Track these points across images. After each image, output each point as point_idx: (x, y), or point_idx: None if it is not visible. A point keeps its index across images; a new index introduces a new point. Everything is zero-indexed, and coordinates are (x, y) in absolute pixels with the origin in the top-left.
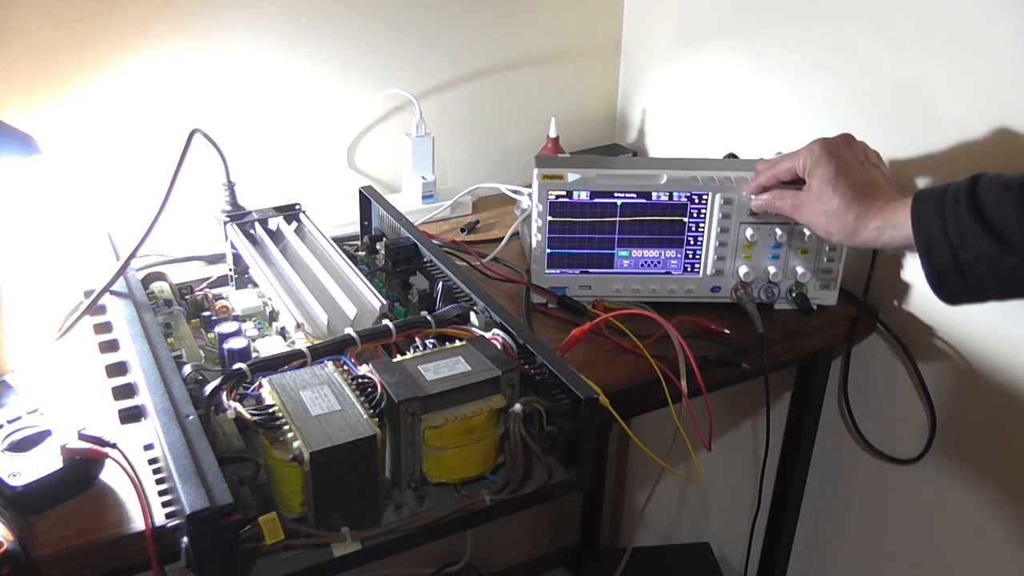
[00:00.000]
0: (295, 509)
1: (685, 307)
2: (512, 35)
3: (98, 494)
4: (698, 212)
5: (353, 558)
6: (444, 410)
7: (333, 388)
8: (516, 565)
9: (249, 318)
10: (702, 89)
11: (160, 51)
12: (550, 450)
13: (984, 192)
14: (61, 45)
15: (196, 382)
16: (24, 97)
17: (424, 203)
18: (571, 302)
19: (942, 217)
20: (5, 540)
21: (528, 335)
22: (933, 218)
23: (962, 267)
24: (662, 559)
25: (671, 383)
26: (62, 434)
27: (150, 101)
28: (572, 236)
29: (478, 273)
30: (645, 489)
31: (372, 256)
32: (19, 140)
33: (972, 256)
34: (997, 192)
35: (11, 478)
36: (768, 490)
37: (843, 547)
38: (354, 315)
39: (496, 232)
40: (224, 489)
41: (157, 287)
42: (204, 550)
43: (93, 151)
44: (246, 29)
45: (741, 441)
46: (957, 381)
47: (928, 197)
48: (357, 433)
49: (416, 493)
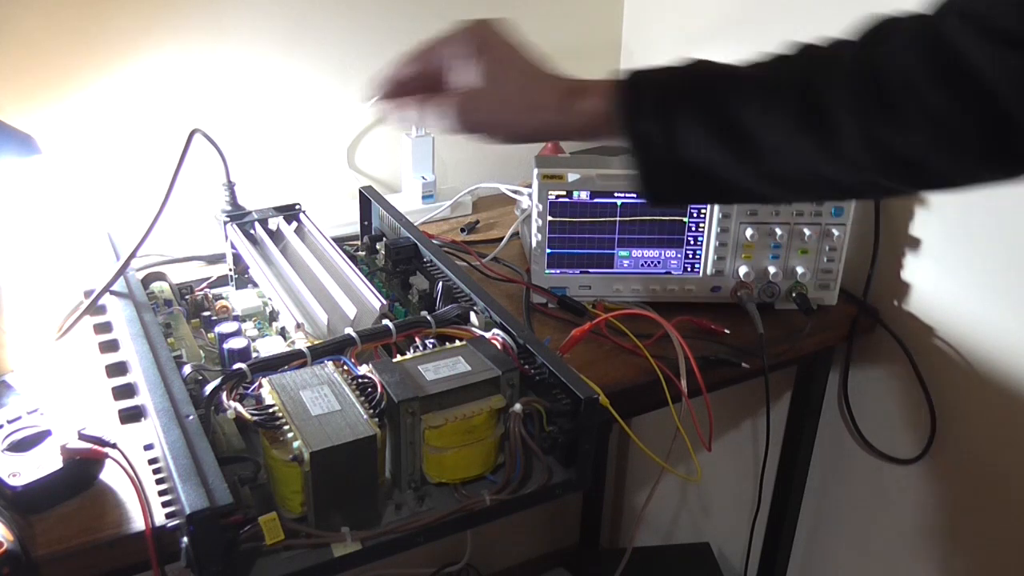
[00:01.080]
0: (295, 509)
1: (685, 307)
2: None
3: (98, 494)
4: (698, 212)
5: (353, 558)
6: (444, 410)
7: (333, 388)
8: (516, 565)
9: (249, 318)
10: None
11: (160, 51)
12: (550, 450)
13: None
14: (61, 45)
15: (196, 382)
16: (24, 97)
17: (424, 203)
18: (571, 302)
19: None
20: (5, 540)
21: (528, 335)
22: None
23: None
24: (662, 559)
25: (671, 383)
26: (62, 434)
27: (150, 101)
28: (572, 236)
29: (478, 273)
30: (645, 489)
31: (372, 256)
32: (19, 140)
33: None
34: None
35: (11, 478)
36: (768, 490)
37: (843, 547)
38: (354, 315)
39: (496, 232)
40: (224, 489)
41: (157, 287)
42: (204, 550)
43: (93, 151)
44: (246, 29)
45: (741, 441)
46: (957, 381)
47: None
48: (357, 433)
49: (416, 493)
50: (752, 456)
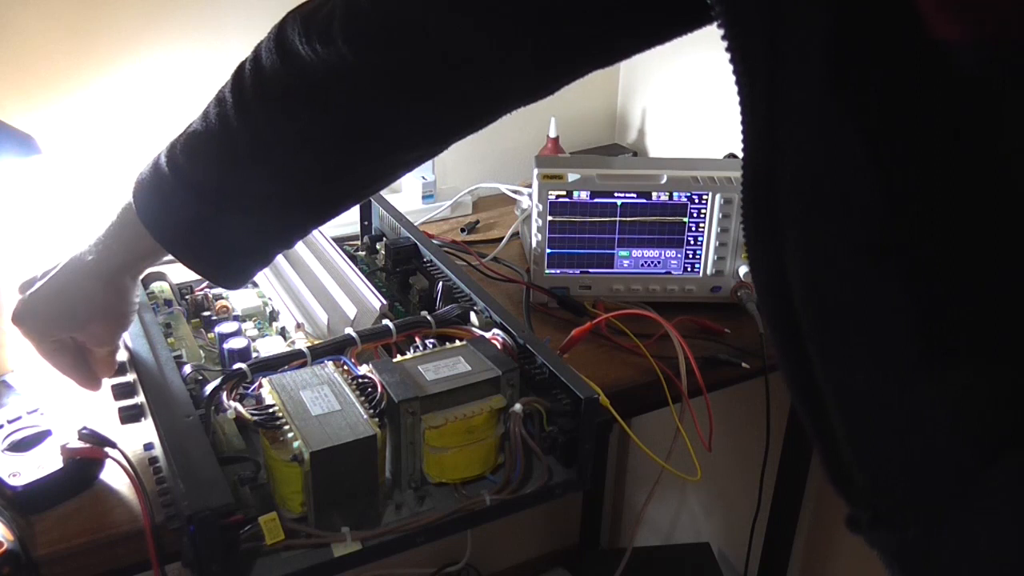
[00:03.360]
0: (295, 509)
1: (685, 307)
2: None
3: (98, 494)
4: (698, 212)
5: (353, 558)
6: (444, 410)
7: (333, 388)
8: (516, 565)
9: (249, 318)
10: (702, 89)
11: (160, 50)
12: (550, 450)
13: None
14: (61, 44)
15: (196, 382)
16: (24, 96)
17: (424, 203)
18: (571, 302)
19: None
20: (5, 540)
21: (528, 335)
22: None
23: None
24: (662, 559)
25: (671, 383)
26: (62, 434)
27: (150, 101)
28: (572, 236)
29: (478, 273)
30: (645, 489)
31: (372, 256)
32: (19, 140)
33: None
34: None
35: (11, 478)
36: (768, 490)
37: (843, 547)
38: (354, 315)
39: (496, 232)
40: (224, 489)
41: (157, 287)
42: (204, 550)
43: (93, 151)
44: (246, 29)
45: (741, 441)
46: None
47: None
48: (357, 433)
49: (416, 493)
50: (752, 456)
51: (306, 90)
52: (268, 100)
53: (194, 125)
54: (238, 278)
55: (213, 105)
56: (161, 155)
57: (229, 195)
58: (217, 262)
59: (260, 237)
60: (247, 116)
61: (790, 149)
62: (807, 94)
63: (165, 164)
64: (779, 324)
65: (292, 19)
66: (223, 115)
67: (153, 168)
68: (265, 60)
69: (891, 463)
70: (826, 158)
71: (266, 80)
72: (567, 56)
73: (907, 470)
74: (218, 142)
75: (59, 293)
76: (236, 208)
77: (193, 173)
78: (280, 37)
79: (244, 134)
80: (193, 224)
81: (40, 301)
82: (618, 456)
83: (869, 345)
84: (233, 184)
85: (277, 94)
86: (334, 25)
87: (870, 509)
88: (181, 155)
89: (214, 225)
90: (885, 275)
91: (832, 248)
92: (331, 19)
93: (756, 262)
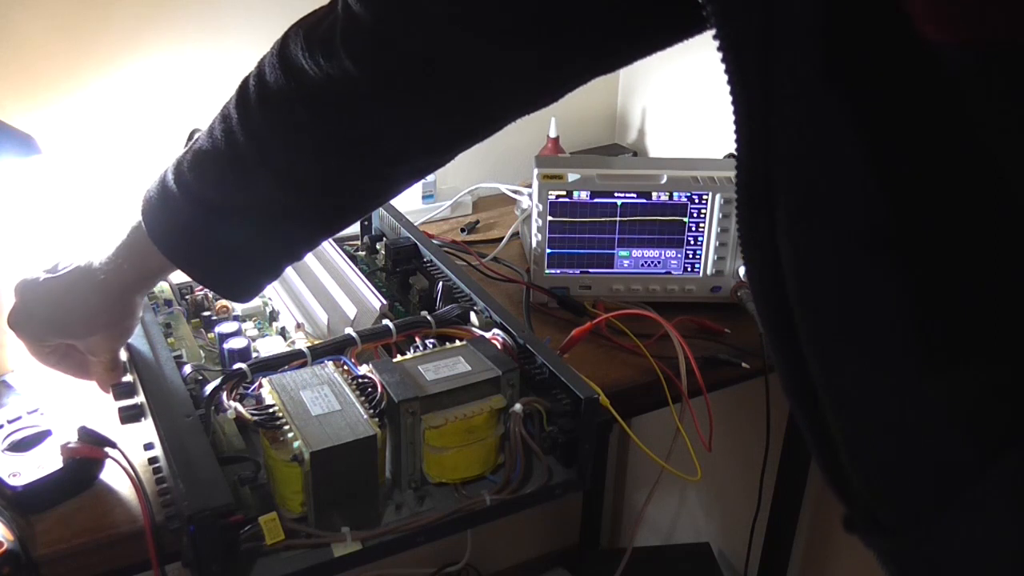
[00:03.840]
0: (295, 509)
1: (685, 307)
2: None
3: (98, 494)
4: (698, 212)
5: (353, 558)
6: (444, 410)
7: (333, 388)
8: (516, 565)
9: (249, 318)
10: (702, 89)
11: (160, 50)
12: (550, 450)
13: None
14: (61, 44)
15: (196, 382)
16: (24, 97)
17: (424, 203)
18: (571, 302)
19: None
20: (5, 540)
21: (528, 335)
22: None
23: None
24: (662, 559)
25: (671, 383)
26: (62, 434)
27: (150, 101)
28: (572, 236)
29: (478, 273)
30: (645, 489)
31: (372, 256)
32: (19, 140)
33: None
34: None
35: (11, 478)
36: (768, 490)
37: (843, 547)
38: (354, 315)
39: (496, 232)
40: (224, 489)
41: (157, 287)
42: (204, 550)
43: (93, 151)
44: (246, 29)
45: (741, 441)
46: None
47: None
48: (357, 433)
49: (416, 493)
50: (752, 456)
51: (310, 104)
52: (273, 115)
53: (200, 142)
54: (249, 292)
55: (218, 121)
56: (168, 172)
57: (238, 211)
58: (228, 277)
59: (270, 251)
60: (253, 132)
61: (784, 149)
62: (800, 93)
63: (173, 182)
64: (775, 325)
65: (295, 33)
66: (229, 131)
67: (160, 186)
68: (269, 75)
69: (889, 464)
70: (820, 158)
71: (270, 95)
72: (569, 66)
73: (905, 470)
74: (225, 158)
75: (60, 302)
76: (245, 223)
77: (201, 190)
78: (283, 52)
79: (250, 150)
80: (203, 240)
81: (39, 306)
82: (618, 456)
83: (867, 345)
84: (241, 200)
85: (282, 109)
86: (336, 39)
87: (867, 510)
88: (189, 172)
89: (224, 241)
90: (882, 275)
91: (828, 248)
92: (333, 33)
93: (751, 263)
